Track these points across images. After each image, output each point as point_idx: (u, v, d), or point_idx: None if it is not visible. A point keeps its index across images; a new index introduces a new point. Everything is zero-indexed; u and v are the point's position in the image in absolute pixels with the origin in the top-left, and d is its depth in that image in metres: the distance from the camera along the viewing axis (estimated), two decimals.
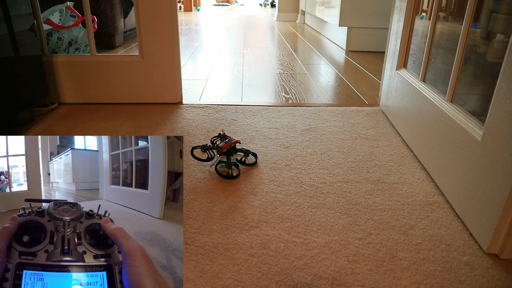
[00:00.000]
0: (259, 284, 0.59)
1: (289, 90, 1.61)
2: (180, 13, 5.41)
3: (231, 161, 0.92)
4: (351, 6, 2.42)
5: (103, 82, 1.37)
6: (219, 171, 0.92)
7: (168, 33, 1.30)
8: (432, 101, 0.92)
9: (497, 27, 1.00)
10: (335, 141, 1.10)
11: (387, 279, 0.61)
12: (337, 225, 0.74)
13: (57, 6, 1.85)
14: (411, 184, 0.89)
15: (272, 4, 7.20)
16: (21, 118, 1.19)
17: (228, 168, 0.92)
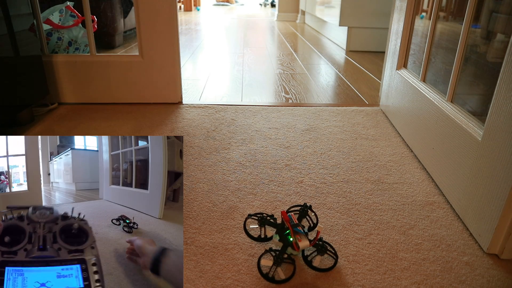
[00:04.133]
0: (259, 284, 0.59)
1: (289, 90, 1.61)
2: (180, 13, 5.41)
3: (285, 253, 0.61)
4: (351, 6, 2.42)
5: (103, 82, 1.37)
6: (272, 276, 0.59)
7: (168, 33, 1.30)
8: (432, 101, 0.92)
9: (497, 27, 1.00)
10: (335, 141, 1.10)
11: (387, 279, 0.61)
12: (337, 225, 0.74)
13: (57, 6, 1.84)
14: (411, 184, 0.89)
15: (272, 4, 7.20)
16: (21, 118, 1.19)
17: (276, 264, 0.60)
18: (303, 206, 0.72)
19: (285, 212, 0.63)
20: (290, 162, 0.97)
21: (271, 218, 0.68)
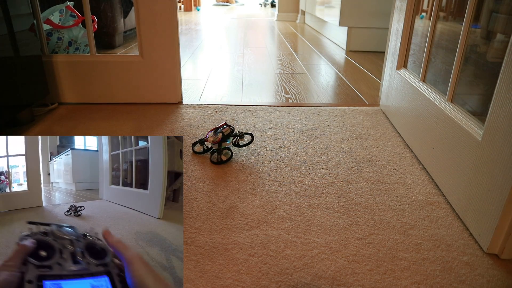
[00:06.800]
0: (259, 284, 0.59)
1: (289, 90, 1.61)
2: (180, 13, 5.41)
3: (221, 147, 0.98)
4: (351, 6, 2.42)
5: (103, 82, 1.37)
6: (212, 160, 0.97)
7: (168, 33, 1.30)
8: (432, 101, 0.92)
9: (497, 27, 1.00)
10: (335, 141, 1.10)
11: (387, 279, 0.61)
12: (337, 225, 0.74)
13: (57, 6, 1.84)
14: (411, 184, 0.89)
15: (272, 4, 7.20)
16: (21, 118, 1.19)
17: (218, 155, 0.97)
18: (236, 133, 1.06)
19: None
20: (290, 162, 0.97)
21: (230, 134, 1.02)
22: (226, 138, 0.99)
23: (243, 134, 1.02)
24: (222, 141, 0.98)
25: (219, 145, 0.98)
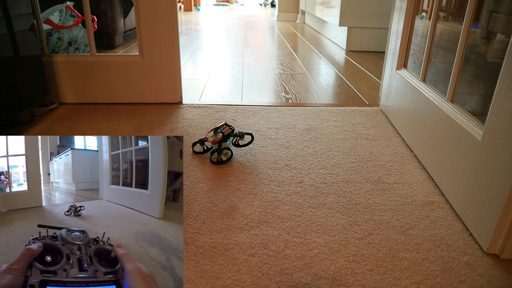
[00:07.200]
0: (259, 284, 0.59)
1: (289, 90, 1.61)
2: (180, 13, 5.41)
3: (221, 147, 0.99)
4: (351, 6, 2.42)
5: (103, 82, 1.37)
6: (212, 160, 0.98)
7: (168, 33, 1.30)
8: (432, 101, 0.92)
9: (497, 27, 1.00)
10: (335, 141, 1.10)
11: (387, 279, 0.61)
12: (337, 225, 0.74)
13: (57, 6, 1.84)
14: (411, 184, 0.89)
15: (272, 4, 7.20)
16: (21, 118, 1.19)
17: (218, 155, 0.98)
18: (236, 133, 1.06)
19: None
20: (290, 162, 0.97)
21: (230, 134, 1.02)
22: (226, 138, 0.99)
23: (243, 134, 1.02)
24: (222, 141, 0.98)
25: (219, 145, 0.98)
